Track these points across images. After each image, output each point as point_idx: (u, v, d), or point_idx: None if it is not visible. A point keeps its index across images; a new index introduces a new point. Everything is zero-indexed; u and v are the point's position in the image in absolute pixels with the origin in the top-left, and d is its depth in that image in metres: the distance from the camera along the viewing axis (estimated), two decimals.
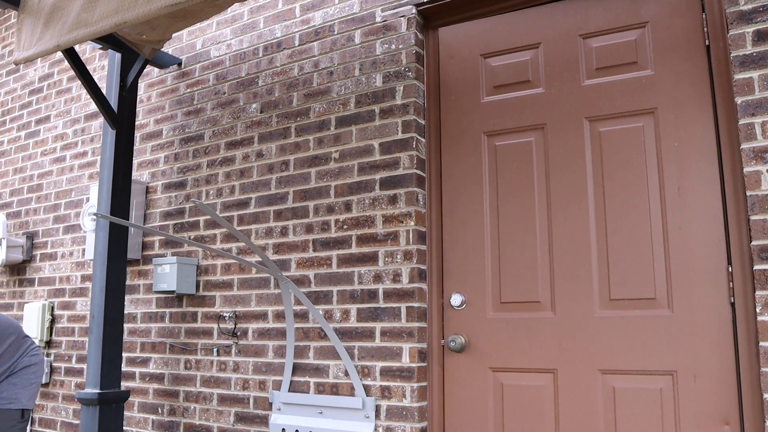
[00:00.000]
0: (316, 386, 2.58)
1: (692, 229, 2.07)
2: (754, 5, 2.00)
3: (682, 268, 2.07)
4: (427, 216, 2.54)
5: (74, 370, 3.46)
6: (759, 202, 1.91)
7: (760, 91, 1.96)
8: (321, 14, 2.88)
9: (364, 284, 2.53)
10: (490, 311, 2.37)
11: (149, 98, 3.44)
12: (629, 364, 2.10)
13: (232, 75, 3.13)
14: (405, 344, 2.39)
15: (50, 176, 3.84)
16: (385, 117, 2.60)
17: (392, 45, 2.64)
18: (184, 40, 3.35)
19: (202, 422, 2.88)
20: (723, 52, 2.09)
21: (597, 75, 2.31)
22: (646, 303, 2.11)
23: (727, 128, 2.06)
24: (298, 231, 2.76)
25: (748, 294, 1.95)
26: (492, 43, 2.54)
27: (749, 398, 1.91)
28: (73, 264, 3.59)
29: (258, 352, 2.78)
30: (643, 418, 2.05)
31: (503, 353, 2.32)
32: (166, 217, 3.23)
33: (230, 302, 2.91)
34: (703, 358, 2.00)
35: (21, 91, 4.19)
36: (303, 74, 2.89)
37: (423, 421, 2.36)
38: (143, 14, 2.03)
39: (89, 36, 2.19)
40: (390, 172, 2.55)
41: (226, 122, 3.10)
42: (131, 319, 3.23)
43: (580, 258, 2.23)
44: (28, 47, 2.37)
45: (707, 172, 2.08)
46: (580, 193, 2.27)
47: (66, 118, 3.84)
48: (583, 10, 2.37)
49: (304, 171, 2.79)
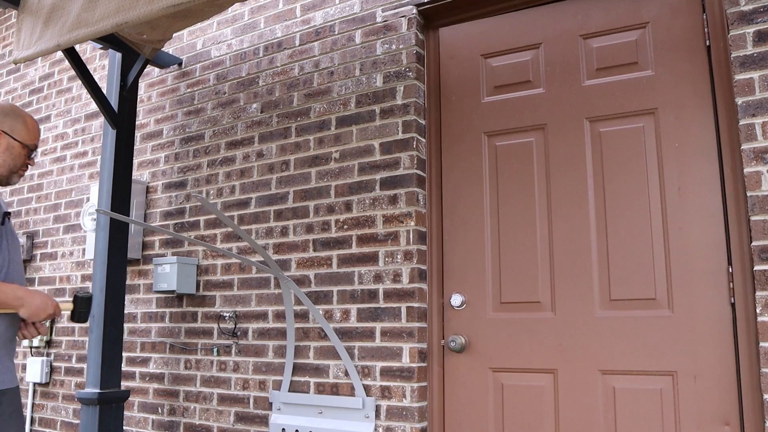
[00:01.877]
0: (316, 386, 2.58)
1: (692, 229, 2.07)
2: (755, 6, 2.00)
3: (682, 268, 2.07)
4: (428, 216, 2.54)
5: (74, 370, 3.46)
6: (759, 202, 1.91)
7: (760, 92, 1.96)
8: (321, 14, 2.88)
9: (364, 284, 2.53)
10: (491, 311, 2.37)
11: (150, 98, 3.44)
12: (629, 364, 2.10)
13: (232, 75, 3.13)
14: (405, 344, 2.39)
15: (50, 176, 3.84)
16: (386, 117, 2.60)
17: (393, 45, 2.64)
18: (185, 40, 3.35)
19: (202, 422, 2.88)
20: (723, 52, 2.09)
21: (597, 75, 2.31)
22: (647, 303, 2.11)
23: (728, 129, 2.06)
24: (299, 231, 2.76)
25: (749, 294, 1.95)
26: (492, 44, 2.54)
27: (749, 399, 1.91)
28: (74, 264, 3.59)
29: (258, 352, 2.78)
30: (643, 419, 2.05)
31: (503, 353, 2.32)
32: (166, 216, 3.23)
33: (230, 302, 2.91)
34: (704, 358, 2.00)
35: (21, 91, 4.19)
36: (303, 74, 2.89)
37: (423, 421, 2.36)
38: (144, 14, 2.03)
39: (90, 36, 2.18)
40: (390, 172, 2.55)
41: (227, 122, 3.10)
42: (131, 318, 3.23)
43: (580, 258, 2.23)
44: (27, 47, 2.37)
45: (707, 172, 2.08)
46: (580, 194, 2.27)
47: (66, 118, 3.85)
48: (583, 11, 2.37)
49: (305, 171, 2.79)
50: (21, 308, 1.78)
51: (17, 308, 1.78)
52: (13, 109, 1.98)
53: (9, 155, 1.93)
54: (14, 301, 1.77)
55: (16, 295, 1.77)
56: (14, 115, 1.95)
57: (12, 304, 1.77)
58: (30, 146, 1.98)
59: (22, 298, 1.78)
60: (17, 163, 1.96)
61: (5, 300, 1.76)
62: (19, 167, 1.98)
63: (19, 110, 1.99)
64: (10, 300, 1.77)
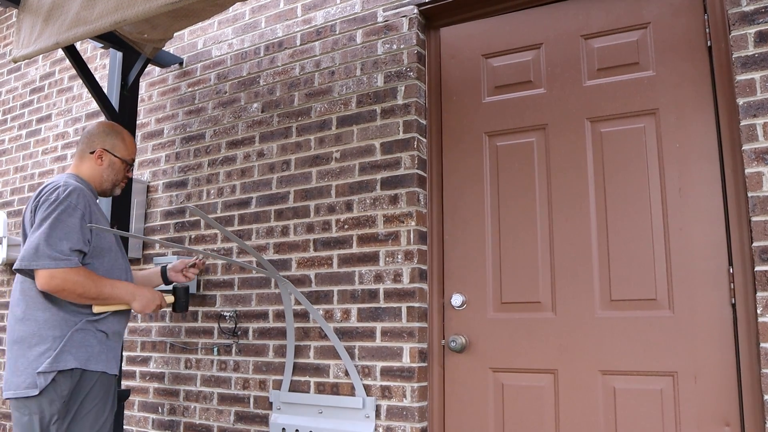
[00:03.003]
0: (316, 386, 2.58)
1: (693, 230, 2.07)
2: (756, 6, 2.00)
3: (682, 269, 2.07)
4: (428, 216, 2.54)
5: None
6: (760, 203, 1.91)
7: (761, 93, 1.95)
8: (322, 14, 2.88)
9: (364, 284, 2.53)
10: (491, 311, 2.37)
11: (150, 97, 3.44)
12: (630, 364, 2.10)
13: (233, 74, 3.13)
14: (405, 344, 2.39)
15: (51, 175, 3.84)
16: (387, 117, 2.60)
17: (394, 45, 2.64)
18: (186, 40, 3.35)
19: (202, 421, 2.88)
20: (725, 53, 2.09)
21: (598, 75, 2.31)
22: (647, 304, 2.11)
23: (729, 129, 2.05)
24: (299, 231, 2.76)
25: (749, 295, 1.94)
26: (493, 44, 2.54)
27: (750, 399, 1.91)
28: None
29: (258, 352, 2.78)
30: (644, 419, 2.05)
31: (504, 353, 2.32)
32: (166, 216, 3.23)
33: (231, 301, 2.91)
34: (704, 359, 2.00)
35: (22, 90, 4.20)
36: (304, 74, 2.89)
37: (423, 421, 2.36)
38: (143, 12, 2.03)
39: (88, 34, 2.18)
40: (391, 172, 2.55)
41: (227, 122, 3.10)
42: (131, 317, 3.23)
43: (580, 258, 2.23)
44: (27, 45, 2.37)
45: (708, 173, 2.08)
46: (581, 194, 2.27)
47: (67, 117, 3.85)
48: (584, 11, 2.37)
49: (305, 170, 2.79)
50: (134, 302, 2.06)
51: (130, 302, 2.06)
52: (113, 128, 2.22)
53: (111, 171, 2.19)
54: (128, 296, 2.05)
55: (129, 291, 2.05)
56: (114, 134, 2.20)
57: (126, 299, 2.05)
58: (128, 161, 2.24)
59: (135, 294, 2.06)
60: (119, 177, 2.22)
61: (121, 296, 2.03)
62: (120, 180, 2.24)
63: (118, 128, 2.24)
64: (126, 296, 2.04)
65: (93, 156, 2.15)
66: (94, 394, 1.98)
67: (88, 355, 1.97)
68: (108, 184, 2.20)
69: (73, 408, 1.94)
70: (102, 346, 2.02)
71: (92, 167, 2.16)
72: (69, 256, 1.91)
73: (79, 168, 2.16)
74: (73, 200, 1.96)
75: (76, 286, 1.91)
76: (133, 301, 2.06)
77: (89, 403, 1.97)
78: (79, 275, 1.92)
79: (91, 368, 1.97)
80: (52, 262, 1.88)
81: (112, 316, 2.06)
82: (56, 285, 1.89)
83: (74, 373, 1.94)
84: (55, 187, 1.98)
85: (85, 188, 2.06)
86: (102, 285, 1.97)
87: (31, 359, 1.91)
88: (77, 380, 1.94)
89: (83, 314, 1.99)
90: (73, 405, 1.94)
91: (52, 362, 1.90)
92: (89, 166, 2.16)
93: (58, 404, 1.90)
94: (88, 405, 1.97)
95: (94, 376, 1.98)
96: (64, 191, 1.96)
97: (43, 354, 1.91)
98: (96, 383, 1.99)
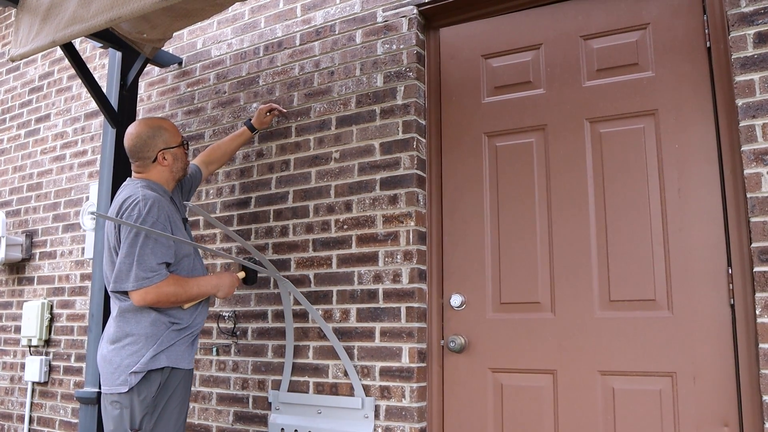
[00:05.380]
0: (315, 386, 2.58)
1: (692, 230, 2.07)
2: (755, 7, 2.00)
3: (682, 269, 2.07)
4: (428, 216, 2.54)
5: (73, 369, 3.45)
6: (759, 204, 1.91)
7: (760, 93, 1.96)
8: (322, 14, 2.88)
9: (363, 284, 2.53)
10: (490, 312, 2.37)
11: (149, 97, 3.44)
12: (629, 365, 2.10)
13: (232, 74, 3.13)
14: (405, 344, 2.39)
15: (50, 175, 3.84)
16: (386, 117, 2.60)
17: (393, 45, 2.64)
18: (185, 39, 3.35)
19: (201, 421, 2.88)
20: (724, 53, 2.09)
21: (598, 76, 2.31)
22: (646, 304, 2.11)
23: (728, 130, 2.06)
24: (298, 231, 2.76)
25: (748, 296, 1.95)
26: (493, 44, 2.54)
27: (748, 400, 1.92)
28: (73, 263, 3.58)
29: (257, 352, 2.78)
30: (643, 420, 2.05)
31: (503, 354, 2.32)
32: None
33: (229, 301, 2.91)
34: (703, 359, 2.00)
35: (21, 90, 4.19)
36: (304, 74, 2.88)
37: (422, 421, 2.36)
38: (137, 9, 2.03)
39: (84, 32, 2.18)
40: (390, 172, 2.55)
41: (227, 121, 3.10)
42: None
43: (580, 259, 2.23)
44: (24, 44, 2.37)
45: (708, 173, 2.08)
46: (580, 194, 2.27)
47: (66, 117, 3.84)
48: (584, 11, 2.37)
49: (305, 171, 2.79)
50: (218, 292, 2.22)
51: (214, 293, 2.21)
52: (150, 126, 2.23)
53: (177, 161, 2.25)
54: (213, 289, 2.20)
55: (212, 284, 2.20)
56: (157, 129, 2.22)
57: (212, 292, 2.20)
58: (184, 143, 2.30)
59: (217, 285, 2.22)
60: (185, 160, 2.30)
61: (207, 291, 2.18)
62: (187, 162, 2.33)
63: (152, 122, 2.25)
64: (211, 289, 2.19)
65: (156, 162, 2.20)
66: (180, 390, 2.10)
67: (177, 354, 2.08)
68: (179, 173, 2.28)
69: (161, 403, 2.04)
70: (189, 345, 2.15)
71: (160, 170, 2.21)
72: (158, 270, 2.02)
73: (148, 174, 2.21)
74: (154, 214, 2.04)
75: (168, 296, 2.03)
76: (218, 292, 2.21)
77: (176, 398, 2.08)
78: (169, 286, 2.04)
79: (179, 366, 2.09)
80: (144, 281, 1.99)
81: (199, 315, 2.19)
82: (151, 300, 2.01)
83: (164, 371, 2.05)
84: (135, 202, 2.05)
85: (160, 193, 2.15)
86: (190, 287, 2.10)
87: (124, 356, 2.02)
88: (166, 378, 2.05)
89: (172, 314, 2.10)
90: (161, 401, 2.04)
91: (145, 362, 2.01)
92: (157, 171, 2.21)
93: (148, 400, 2.00)
94: (175, 401, 2.08)
95: (180, 374, 2.10)
96: (144, 206, 2.03)
97: (136, 353, 2.02)
98: (182, 380, 2.11)
